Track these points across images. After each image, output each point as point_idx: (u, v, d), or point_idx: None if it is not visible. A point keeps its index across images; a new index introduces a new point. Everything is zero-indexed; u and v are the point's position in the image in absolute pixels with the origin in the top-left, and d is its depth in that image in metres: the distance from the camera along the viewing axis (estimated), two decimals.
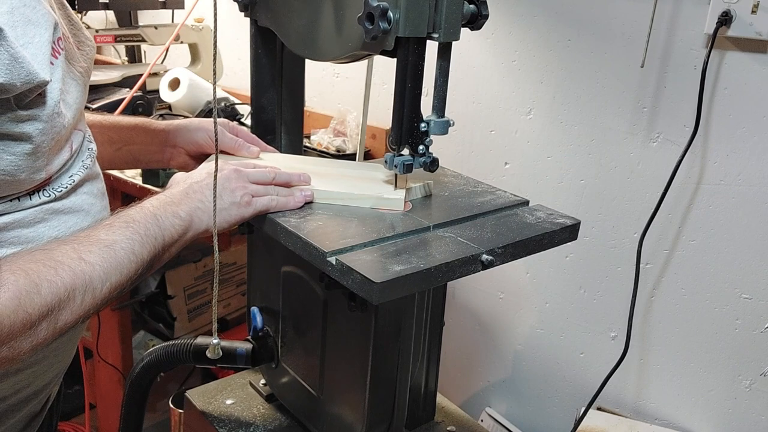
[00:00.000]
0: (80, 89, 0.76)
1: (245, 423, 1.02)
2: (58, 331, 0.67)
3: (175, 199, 0.80)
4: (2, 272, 0.62)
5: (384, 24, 0.73)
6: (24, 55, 0.60)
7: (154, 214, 0.77)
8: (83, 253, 0.69)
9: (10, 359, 0.63)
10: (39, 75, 0.62)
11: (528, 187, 1.52)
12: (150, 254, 0.75)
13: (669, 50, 1.28)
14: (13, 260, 0.65)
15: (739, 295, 1.30)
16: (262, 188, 0.86)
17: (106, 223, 0.74)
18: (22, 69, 0.60)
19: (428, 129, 0.83)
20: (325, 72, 1.84)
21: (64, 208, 0.74)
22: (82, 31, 0.81)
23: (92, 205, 0.79)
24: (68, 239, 0.71)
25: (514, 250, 0.81)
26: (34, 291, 0.63)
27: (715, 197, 1.29)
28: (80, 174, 0.76)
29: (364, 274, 0.69)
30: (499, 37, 1.50)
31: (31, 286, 0.63)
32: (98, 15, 2.09)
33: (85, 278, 0.68)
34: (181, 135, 1.01)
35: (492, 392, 1.74)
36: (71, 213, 0.75)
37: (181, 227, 0.79)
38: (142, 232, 0.75)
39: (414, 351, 0.94)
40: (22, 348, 0.63)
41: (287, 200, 0.86)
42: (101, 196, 0.83)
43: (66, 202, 0.75)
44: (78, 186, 0.77)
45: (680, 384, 1.42)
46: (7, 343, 0.61)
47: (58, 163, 0.72)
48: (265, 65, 1.01)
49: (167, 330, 1.93)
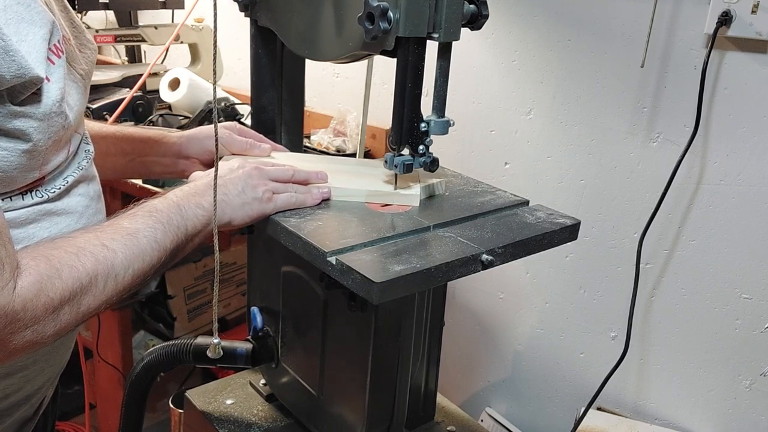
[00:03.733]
0: (81, 91, 0.77)
1: (245, 423, 1.02)
2: (81, 316, 0.68)
3: (198, 190, 0.82)
4: (23, 258, 0.63)
5: (384, 24, 0.73)
6: (17, 49, 0.61)
7: (177, 204, 0.78)
8: (106, 240, 0.70)
9: (34, 343, 0.64)
10: (33, 70, 0.62)
11: (528, 187, 1.52)
12: (173, 243, 0.76)
13: (669, 50, 1.28)
14: (34, 247, 0.66)
15: (739, 295, 1.30)
16: (281, 185, 0.87)
17: (130, 212, 0.76)
18: (13, 62, 0.60)
19: (428, 129, 0.83)
20: (325, 72, 1.84)
21: (57, 210, 0.74)
22: (84, 33, 0.81)
23: (86, 207, 0.79)
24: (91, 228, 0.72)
25: (514, 250, 0.81)
26: (55, 275, 0.64)
27: (715, 197, 1.29)
28: (75, 175, 0.76)
29: (364, 273, 0.69)
30: (499, 37, 1.50)
31: (52, 270, 0.64)
32: (98, 15, 2.09)
33: (108, 264, 0.69)
34: (194, 145, 1.02)
35: (492, 392, 1.74)
36: (64, 214, 0.75)
37: (204, 218, 0.80)
38: (165, 221, 0.76)
39: (414, 351, 0.94)
40: (45, 332, 0.64)
41: (305, 197, 0.88)
42: (97, 198, 0.83)
43: (59, 204, 0.74)
44: (72, 187, 0.76)
45: (680, 384, 1.42)
46: (30, 326, 0.62)
47: (54, 163, 0.72)
48: (265, 65, 1.01)
49: (167, 330, 1.93)
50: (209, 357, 0.93)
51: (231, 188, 0.83)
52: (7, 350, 0.62)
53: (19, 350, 0.63)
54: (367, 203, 0.90)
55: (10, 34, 0.60)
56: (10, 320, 0.60)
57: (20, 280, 0.61)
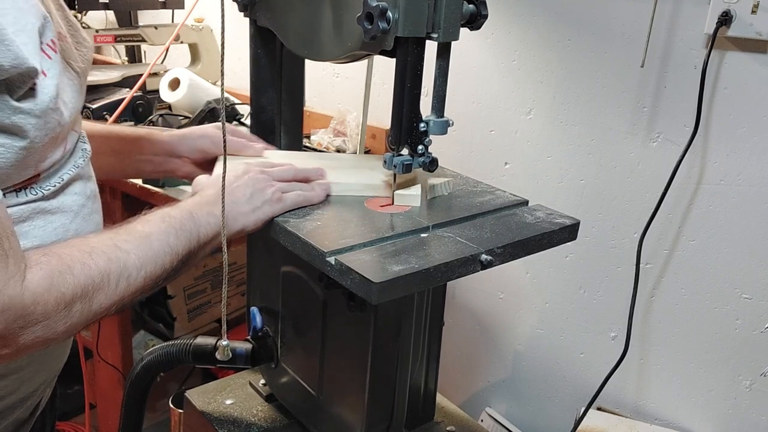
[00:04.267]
0: (77, 89, 0.76)
1: (245, 423, 1.02)
2: (92, 315, 0.68)
3: (210, 199, 0.83)
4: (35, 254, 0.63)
5: (383, 24, 0.73)
6: (12, 39, 0.61)
7: (190, 211, 0.80)
8: (119, 241, 0.71)
9: (45, 340, 0.64)
10: (28, 61, 0.62)
11: (528, 187, 1.52)
12: (185, 249, 0.77)
13: (669, 50, 1.28)
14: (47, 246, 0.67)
15: (739, 295, 1.30)
16: (287, 185, 0.88)
17: (143, 217, 0.77)
18: (9, 51, 0.60)
19: (427, 129, 0.83)
20: (325, 72, 1.84)
21: (51, 208, 0.74)
22: (80, 32, 0.81)
23: (82, 206, 0.79)
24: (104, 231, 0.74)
25: (513, 250, 0.81)
26: (66, 271, 0.64)
27: (715, 197, 1.29)
28: (71, 173, 0.76)
29: (363, 274, 0.69)
30: (498, 37, 1.50)
31: (63, 266, 0.64)
32: (98, 15, 2.09)
33: (120, 264, 0.69)
34: (186, 144, 1.02)
35: (492, 392, 1.74)
36: (58, 213, 0.75)
37: (216, 225, 0.81)
38: (178, 227, 0.77)
39: (414, 351, 0.94)
40: (57, 328, 0.64)
41: (311, 194, 0.89)
42: (93, 198, 0.83)
43: (54, 202, 0.74)
44: (67, 185, 0.76)
45: (680, 384, 1.42)
46: (41, 322, 0.62)
47: (50, 161, 0.72)
48: (264, 65, 1.01)
49: (167, 330, 1.93)
50: (219, 358, 0.93)
51: (239, 195, 0.84)
52: (16, 346, 0.62)
53: (29, 346, 0.63)
54: (366, 203, 0.90)
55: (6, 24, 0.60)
56: (20, 314, 0.60)
57: (30, 274, 0.61)
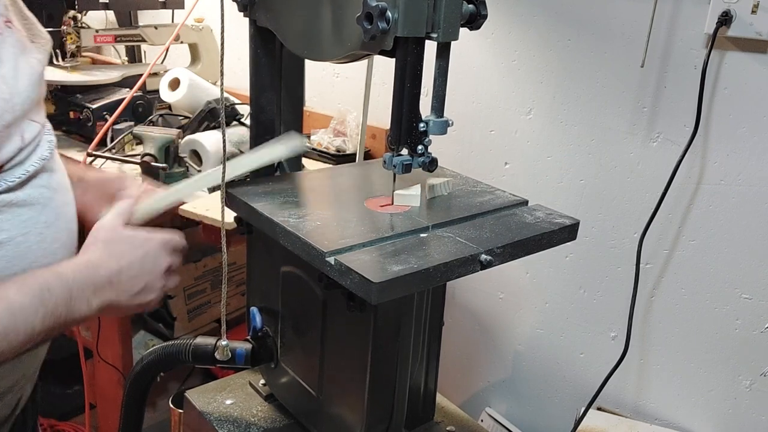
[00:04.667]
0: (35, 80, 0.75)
1: (245, 423, 1.02)
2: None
3: (97, 280, 0.77)
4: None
5: (383, 24, 0.73)
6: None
7: (69, 292, 0.74)
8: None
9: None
10: None
11: (528, 187, 1.52)
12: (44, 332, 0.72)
13: (669, 50, 1.28)
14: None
15: (739, 295, 1.30)
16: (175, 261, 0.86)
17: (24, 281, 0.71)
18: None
19: (427, 129, 0.83)
20: (325, 72, 1.84)
21: (18, 201, 0.74)
22: (36, 26, 0.81)
23: (50, 199, 0.78)
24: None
25: (512, 250, 0.81)
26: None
27: (715, 197, 1.29)
28: (36, 165, 0.76)
29: (362, 274, 0.69)
30: (498, 37, 1.50)
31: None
32: (98, 15, 2.09)
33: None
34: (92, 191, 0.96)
35: (492, 392, 1.74)
36: (26, 206, 0.75)
37: (87, 315, 0.76)
38: (50, 309, 0.71)
39: (413, 351, 0.94)
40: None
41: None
42: (62, 190, 0.82)
43: (20, 194, 0.74)
44: (32, 177, 0.75)
45: (680, 384, 1.42)
46: None
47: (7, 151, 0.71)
48: (264, 65, 1.01)
49: (167, 330, 1.93)
50: (218, 359, 0.93)
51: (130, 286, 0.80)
52: None
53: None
54: (366, 203, 0.90)
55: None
56: None
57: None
